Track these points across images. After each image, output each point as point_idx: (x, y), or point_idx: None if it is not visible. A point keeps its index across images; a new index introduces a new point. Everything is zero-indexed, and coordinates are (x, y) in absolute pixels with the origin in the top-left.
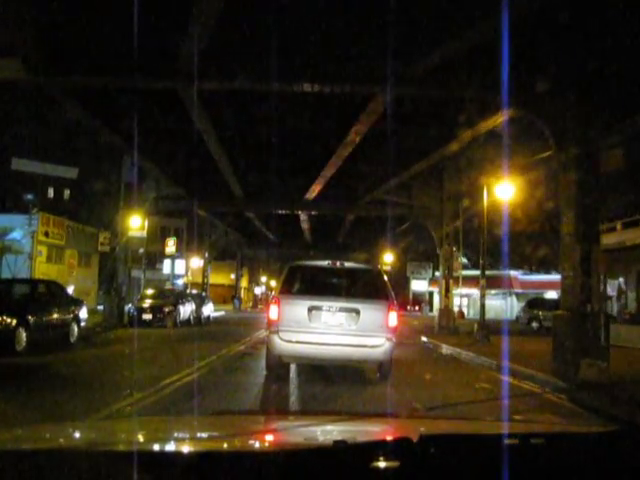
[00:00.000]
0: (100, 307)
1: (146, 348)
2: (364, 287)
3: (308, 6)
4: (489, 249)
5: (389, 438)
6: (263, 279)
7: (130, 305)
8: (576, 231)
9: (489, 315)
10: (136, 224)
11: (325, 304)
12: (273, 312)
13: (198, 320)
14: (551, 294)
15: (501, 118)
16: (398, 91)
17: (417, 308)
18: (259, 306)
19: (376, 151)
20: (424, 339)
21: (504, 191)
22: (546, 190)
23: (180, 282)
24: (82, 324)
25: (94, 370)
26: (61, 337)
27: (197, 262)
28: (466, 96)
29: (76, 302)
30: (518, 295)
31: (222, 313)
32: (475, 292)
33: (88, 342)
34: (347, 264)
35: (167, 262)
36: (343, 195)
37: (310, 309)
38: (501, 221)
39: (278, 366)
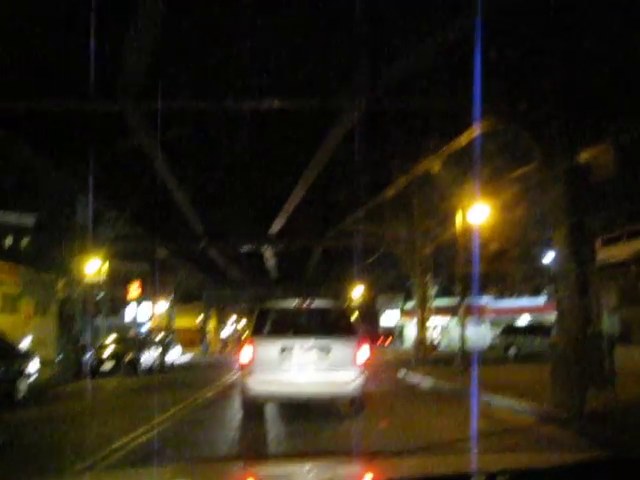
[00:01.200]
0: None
1: (101, 402)
2: (333, 324)
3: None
4: (460, 275)
5: None
6: (231, 321)
7: (89, 355)
8: (570, 249)
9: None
10: (94, 268)
11: (296, 343)
12: (246, 354)
13: (163, 367)
14: (524, 319)
15: (475, 133)
16: (368, 105)
17: (388, 341)
18: (227, 348)
19: (343, 177)
20: (402, 373)
21: (478, 213)
22: (520, 209)
23: (145, 327)
24: (32, 379)
25: (34, 434)
26: (4, 395)
27: (162, 306)
28: (440, 108)
29: (23, 355)
30: (491, 322)
31: (189, 358)
32: (446, 321)
33: (38, 399)
34: (316, 303)
35: (131, 307)
36: (310, 227)
37: (282, 349)
38: (472, 245)
39: (253, 407)
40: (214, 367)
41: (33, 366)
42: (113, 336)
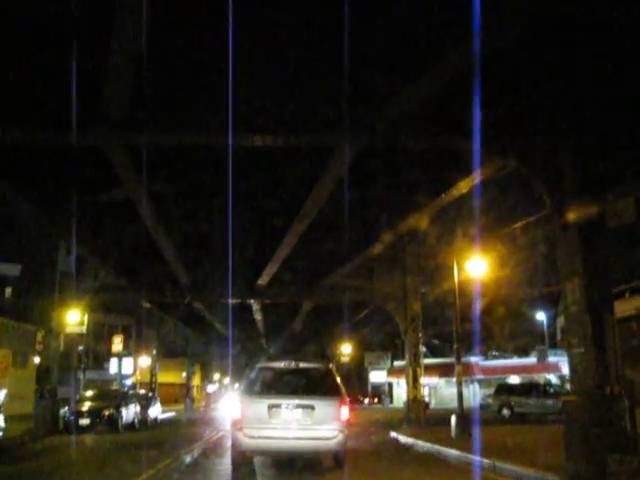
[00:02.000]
0: None
1: (72, 463)
2: (318, 385)
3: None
4: (448, 333)
5: None
6: (216, 376)
7: (65, 409)
8: (585, 299)
9: (452, 404)
10: (75, 319)
11: (283, 402)
12: (237, 411)
13: (144, 423)
14: (514, 379)
15: (475, 180)
16: (362, 141)
17: (376, 400)
18: (212, 405)
19: (333, 229)
20: (394, 434)
21: (476, 267)
22: (512, 264)
23: (129, 382)
24: None
25: None
26: None
27: (146, 361)
28: (439, 147)
29: None
30: (480, 381)
31: (172, 414)
32: (435, 381)
33: (4, 457)
34: (302, 364)
35: (114, 361)
36: (299, 280)
37: (270, 407)
38: (469, 300)
39: (242, 460)
40: (197, 424)
41: None
42: (93, 390)
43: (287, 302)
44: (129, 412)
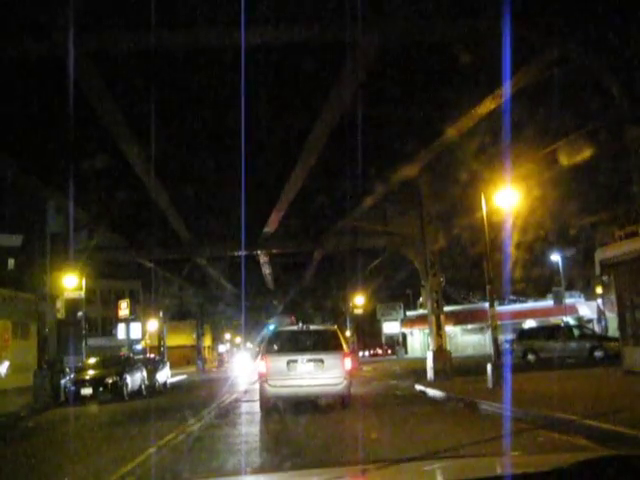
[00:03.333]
0: None
1: (69, 439)
2: (325, 342)
3: None
4: (460, 280)
5: None
6: (227, 336)
7: (66, 378)
8: None
9: (467, 351)
10: (71, 283)
11: (299, 357)
12: (262, 367)
13: (152, 389)
14: (529, 323)
15: (504, 94)
16: (378, 33)
17: (390, 351)
18: (225, 365)
19: (344, 165)
20: (419, 387)
21: (508, 197)
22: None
23: (139, 347)
24: None
25: None
26: None
27: (154, 324)
28: (459, 37)
29: None
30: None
31: (183, 377)
32: (449, 329)
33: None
34: (312, 327)
35: (121, 326)
36: (308, 225)
37: (288, 362)
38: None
39: (269, 404)
40: (209, 387)
41: None
42: (95, 357)
43: (296, 252)
44: (135, 378)
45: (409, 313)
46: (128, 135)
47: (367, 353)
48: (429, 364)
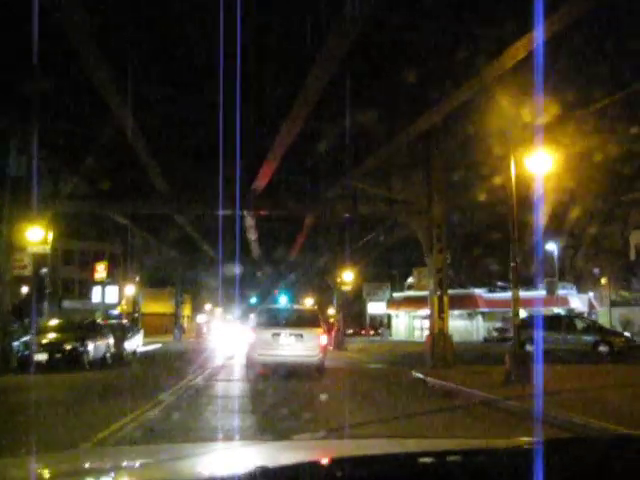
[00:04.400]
0: None
1: None
2: (305, 320)
3: None
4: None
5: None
6: (207, 307)
7: (18, 342)
8: None
9: (454, 338)
10: (36, 236)
11: (282, 331)
12: (251, 337)
13: (119, 357)
14: (520, 313)
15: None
16: None
17: (373, 332)
18: (203, 336)
19: (342, 115)
20: (418, 375)
21: (540, 161)
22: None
23: (116, 312)
24: None
25: None
26: None
27: (132, 289)
28: None
29: None
30: (484, 314)
31: (158, 346)
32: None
33: None
34: (295, 306)
35: (97, 290)
36: (301, 185)
37: (273, 335)
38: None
39: (254, 369)
40: (183, 358)
41: None
42: (56, 320)
43: (285, 218)
44: (98, 345)
45: (395, 294)
46: (104, 66)
47: (349, 331)
48: (427, 349)
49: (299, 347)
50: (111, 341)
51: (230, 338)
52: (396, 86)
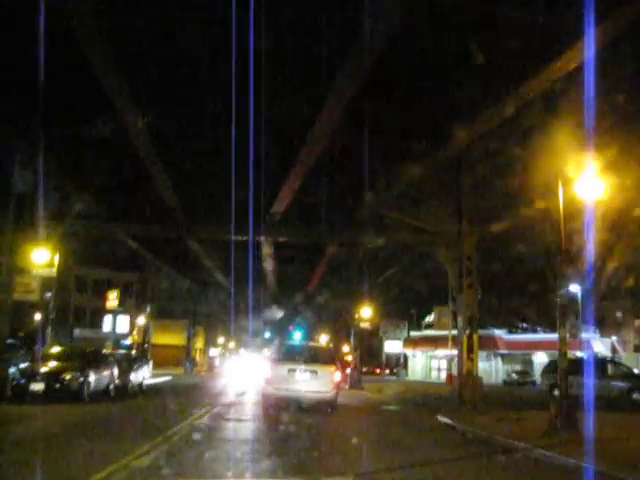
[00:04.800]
0: None
1: None
2: (320, 357)
3: None
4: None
5: None
6: (221, 340)
7: (14, 369)
8: None
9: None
10: (41, 258)
11: (297, 367)
12: (267, 371)
13: (124, 390)
14: (541, 356)
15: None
16: None
17: (389, 372)
18: (215, 370)
19: (363, 140)
20: (445, 420)
21: (590, 185)
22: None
23: (127, 342)
24: None
25: None
26: None
27: (143, 319)
28: None
29: None
30: (503, 356)
31: (167, 379)
32: (449, 353)
33: None
34: (310, 343)
35: (108, 318)
36: (323, 210)
37: (289, 370)
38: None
39: (270, 404)
40: (192, 393)
41: None
42: (58, 347)
43: (304, 246)
44: (101, 376)
45: (413, 333)
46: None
47: (363, 370)
48: (454, 391)
49: (314, 383)
50: (116, 372)
51: (242, 373)
52: (425, 103)
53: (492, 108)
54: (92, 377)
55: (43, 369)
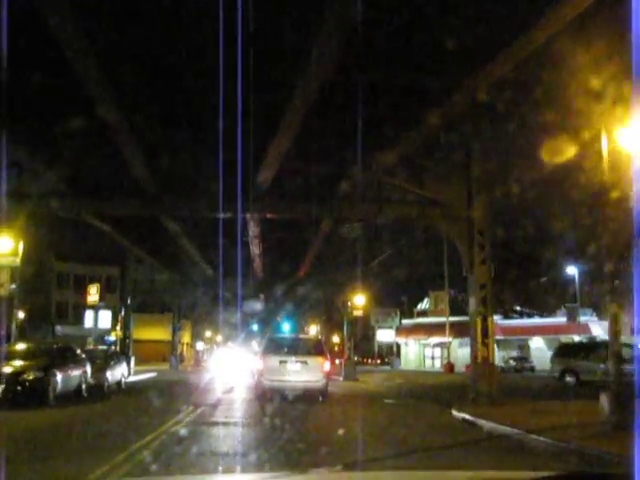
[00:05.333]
0: None
1: None
2: (310, 348)
3: None
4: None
5: None
6: (208, 334)
7: None
8: None
9: (462, 367)
10: (3, 246)
11: (288, 359)
12: (259, 364)
13: (99, 390)
14: (537, 341)
15: None
16: None
17: (379, 361)
18: (202, 364)
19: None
20: (463, 415)
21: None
22: None
23: (112, 338)
24: None
25: None
26: None
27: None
28: None
29: None
30: (499, 342)
31: (151, 375)
32: (446, 340)
33: None
34: (300, 335)
35: (89, 314)
36: (314, 182)
37: (280, 362)
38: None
39: (263, 394)
40: (174, 390)
41: None
42: (22, 344)
43: (296, 221)
44: (70, 375)
45: (405, 321)
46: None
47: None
48: (471, 382)
49: (304, 373)
50: (88, 370)
51: (230, 367)
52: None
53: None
54: (59, 377)
55: (5, 369)
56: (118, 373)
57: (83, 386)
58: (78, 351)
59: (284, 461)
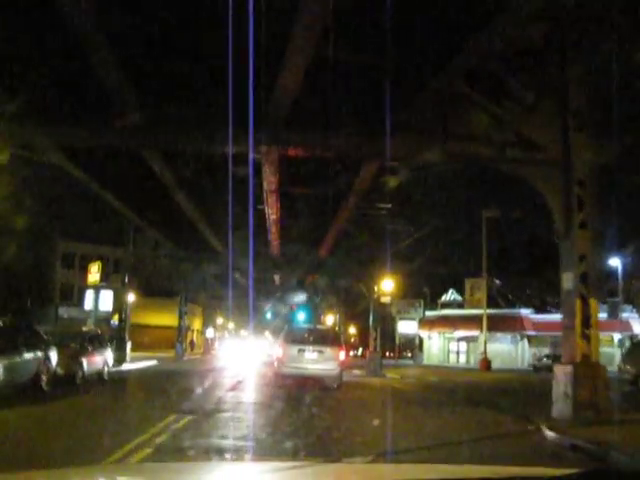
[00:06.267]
0: None
1: None
2: (327, 338)
3: None
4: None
5: None
6: (219, 321)
7: None
8: None
9: (494, 364)
10: None
11: (306, 347)
12: (279, 352)
13: (70, 381)
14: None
15: None
16: None
17: (405, 354)
18: (212, 352)
19: None
20: (575, 441)
21: None
22: None
23: (115, 322)
24: None
25: None
26: None
27: (133, 296)
28: None
29: None
30: (530, 338)
31: (151, 363)
32: (473, 334)
33: None
34: (318, 326)
35: (89, 294)
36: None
37: (299, 350)
38: None
39: (281, 380)
40: (174, 381)
41: None
42: None
43: (321, 173)
44: (18, 364)
45: (429, 313)
46: None
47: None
48: (565, 388)
49: (321, 361)
50: (53, 358)
51: (242, 356)
52: None
53: None
54: (24, 365)
55: None
56: (99, 361)
57: (43, 377)
58: (41, 332)
59: None
